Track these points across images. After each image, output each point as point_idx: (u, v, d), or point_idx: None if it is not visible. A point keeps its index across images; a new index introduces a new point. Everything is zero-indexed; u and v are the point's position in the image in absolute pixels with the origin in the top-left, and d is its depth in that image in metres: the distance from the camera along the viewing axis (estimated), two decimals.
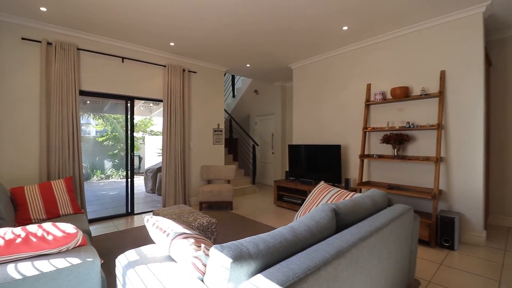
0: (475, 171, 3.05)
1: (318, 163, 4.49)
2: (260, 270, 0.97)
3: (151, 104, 8.90)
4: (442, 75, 3.24)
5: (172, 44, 4.16)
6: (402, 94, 3.47)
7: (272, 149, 7.08)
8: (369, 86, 4.00)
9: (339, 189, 2.33)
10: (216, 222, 2.74)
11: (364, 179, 4.05)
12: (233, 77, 8.09)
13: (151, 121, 10.18)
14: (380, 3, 2.94)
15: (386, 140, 3.54)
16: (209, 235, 2.63)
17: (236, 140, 7.63)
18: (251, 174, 6.55)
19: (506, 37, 3.68)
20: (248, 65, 5.32)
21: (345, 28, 3.57)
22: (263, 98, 7.29)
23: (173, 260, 1.30)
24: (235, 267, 0.90)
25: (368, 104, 3.95)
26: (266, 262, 0.99)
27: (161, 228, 1.37)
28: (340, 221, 1.49)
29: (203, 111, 5.19)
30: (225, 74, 6.16)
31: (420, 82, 3.48)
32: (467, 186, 3.10)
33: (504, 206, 3.69)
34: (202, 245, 1.17)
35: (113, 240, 3.17)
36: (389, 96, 3.75)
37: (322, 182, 2.57)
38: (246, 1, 2.89)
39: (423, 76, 3.45)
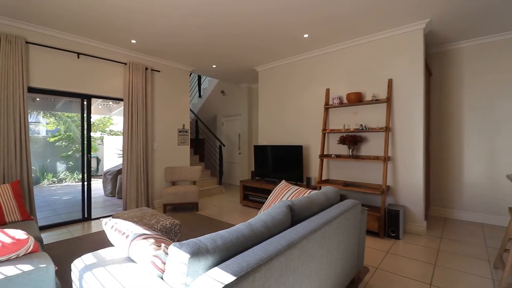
0: (416, 169, 3.45)
1: (282, 163, 4.67)
2: (217, 263, 1.04)
3: (110, 103, 8.43)
4: (390, 83, 3.61)
5: (133, 41, 4.02)
6: (356, 99, 3.78)
7: (239, 149, 7.16)
8: (328, 90, 4.28)
9: (298, 187, 2.49)
10: (179, 223, 2.74)
11: (324, 177, 4.33)
12: (199, 77, 8.01)
13: (110, 120, 9.62)
14: (335, 17, 3.18)
15: (342, 141, 3.83)
16: (173, 237, 2.63)
17: (203, 141, 7.57)
18: (218, 174, 6.56)
19: (444, 50, 4.20)
20: (214, 66, 5.33)
21: (306, 35, 3.79)
22: (229, 99, 7.34)
23: (132, 261, 1.31)
24: (192, 262, 0.96)
25: (327, 107, 4.22)
26: (224, 256, 1.07)
27: (120, 230, 1.37)
28: (295, 216, 1.62)
29: (168, 111, 5.09)
30: (190, 74, 6.09)
31: (371, 89, 3.82)
32: (410, 182, 3.50)
33: (442, 199, 4.22)
34: (162, 244, 1.20)
35: (67, 247, 2.99)
36: (345, 101, 4.06)
37: (283, 181, 2.72)
38: (210, 4, 2.93)
39: (374, 83, 3.80)
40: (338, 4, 2.94)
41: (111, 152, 8.74)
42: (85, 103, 4.08)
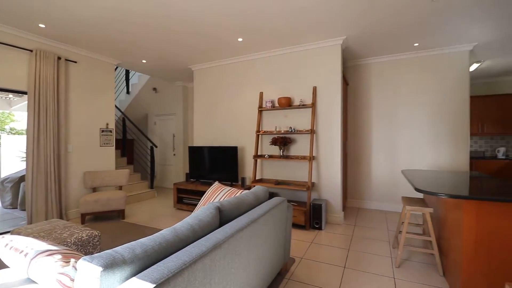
0: (335, 167, 3.90)
1: (217, 164, 4.66)
2: (136, 273, 0.98)
3: (10, 96, 6.99)
4: (314, 90, 3.99)
5: (42, 25, 3.44)
6: (286, 103, 4.06)
7: (173, 150, 6.84)
8: (261, 94, 4.47)
9: (230, 188, 2.54)
10: (99, 234, 2.47)
11: (258, 177, 4.50)
12: (127, 71, 7.34)
13: (11, 117, 7.98)
14: (266, 27, 3.35)
15: (274, 142, 4.06)
16: (91, 250, 2.35)
17: (132, 142, 6.97)
18: (149, 178, 6.14)
19: (358, 64, 4.86)
20: (144, 61, 4.97)
21: (240, 39, 3.87)
22: (163, 97, 6.94)
23: (33, 282, 1.13)
24: (106, 275, 0.89)
25: (260, 110, 4.41)
26: (144, 265, 1.02)
27: (17, 248, 1.17)
28: (225, 217, 1.65)
29: (87, 108, 4.50)
30: (116, 68, 5.54)
31: (299, 94, 4.16)
32: (331, 178, 3.94)
33: (356, 191, 4.88)
34: (72, 259, 1.08)
35: None
36: (277, 104, 4.31)
37: (216, 183, 2.73)
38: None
39: (302, 89, 4.14)
40: (267, 15, 3.10)
41: (12, 155, 7.25)
42: None
